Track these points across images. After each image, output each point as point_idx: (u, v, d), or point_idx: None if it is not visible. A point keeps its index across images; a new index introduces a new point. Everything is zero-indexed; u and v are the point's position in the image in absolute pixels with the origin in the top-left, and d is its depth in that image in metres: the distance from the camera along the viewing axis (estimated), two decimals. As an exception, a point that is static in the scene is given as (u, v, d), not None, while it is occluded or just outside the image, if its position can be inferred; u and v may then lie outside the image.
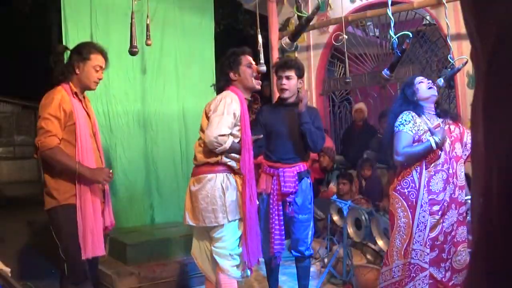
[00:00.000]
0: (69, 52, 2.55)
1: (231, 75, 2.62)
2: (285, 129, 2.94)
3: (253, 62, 2.68)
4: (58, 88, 2.40)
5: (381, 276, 2.65)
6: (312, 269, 3.82)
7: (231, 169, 2.52)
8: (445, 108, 2.63)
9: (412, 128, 2.49)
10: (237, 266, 2.53)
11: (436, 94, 2.58)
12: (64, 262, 2.33)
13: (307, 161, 3.06)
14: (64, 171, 2.33)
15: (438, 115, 2.61)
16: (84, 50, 2.44)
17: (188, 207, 2.56)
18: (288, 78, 2.96)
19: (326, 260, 3.81)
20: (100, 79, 2.52)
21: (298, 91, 3.04)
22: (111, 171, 2.43)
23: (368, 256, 3.88)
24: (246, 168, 2.49)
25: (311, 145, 2.90)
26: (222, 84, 2.66)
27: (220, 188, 2.46)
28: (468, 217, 2.56)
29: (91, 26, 3.98)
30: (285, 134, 2.93)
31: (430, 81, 2.58)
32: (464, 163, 2.60)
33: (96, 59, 2.45)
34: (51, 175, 2.36)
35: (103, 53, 2.49)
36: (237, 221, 2.50)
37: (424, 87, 2.57)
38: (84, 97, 2.55)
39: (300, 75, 3.01)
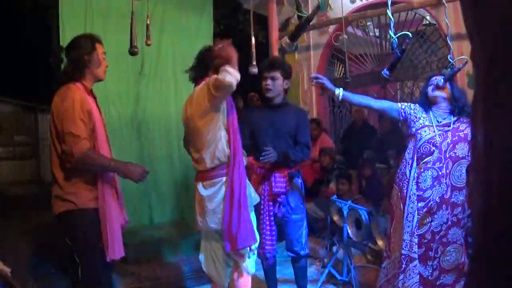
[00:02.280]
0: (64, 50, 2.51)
1: (210, 73, 2.59)
2: (271, 130, 2.93)
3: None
4: (72, 87, 2.31)
5: (383, 271, 2.67)
6: (312, 269, 3.83)
7: None
8: (464, 106, 2.59)
9: (405, 108, 2.66)
10: (252, 262, 2.60)
11: (442, 95, 2.59)
12: (79, 266, 2.27)
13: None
14: (99, 171, 2.30)
15: (452, 112, 2.60)
16: (87, 43, 2.40)
17: (200, 212, 2.54)
18: (273, 78, 2.95)
19: (326, 260, 3.81)
20: (107, 66, 2.49)
21: (285, 92, 3.04)
22: (146, 169, 2.41)
23: (368, 256, 3.88)
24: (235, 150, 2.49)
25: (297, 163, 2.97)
26: (200, 74, 2.66)
27: None
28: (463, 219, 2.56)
29: (88, 27, 3.96)
30: (271, 135, 2.92)
31: (432, 85, 2.60)
32: None
33: (99, 48, 2.44)
34: (67, 179, 2.28)
35: (99, 40, 2.47)
36: None
37: (431, 89, 2.63)
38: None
39: (286, 76, 2.99)
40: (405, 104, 2.70)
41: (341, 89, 2.63)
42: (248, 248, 2.54)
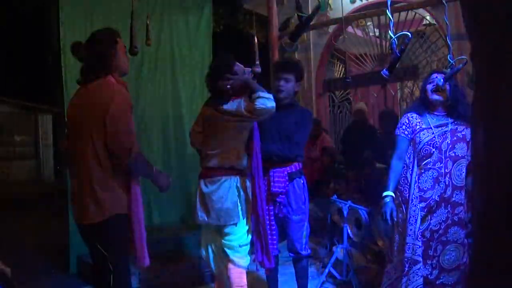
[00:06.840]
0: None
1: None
2: (276, 129, 2.92)
3: None
4: (114, 82, 2.20)
5: (386, 275, 2.67)
6: (312, 269, 3.82)
7: (241, 173, 2.61)
8: (462, 111, 2.56)
9: (405, 130, 2.64)
10: (245, 256, 2.65)
11: (440, 98, 2.58)
12: (111, 273, 2.16)
13: (300, 162, 3.03)
14: (141, 175, 2.25)
15: (448, 114, 2.59)
16: (109, 36, 2.26)
17: (199, 207, 2.62)
18: (286, 80, 2.93)
19: (326, 260, 3.81)
20: (128, 60, 2.39)
21: (295, 94, 3.03)
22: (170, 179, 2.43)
23: (368, 256, 3.88)
24: (256, 168, 2.62)
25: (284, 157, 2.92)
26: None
27: (236, 189, 2.55)
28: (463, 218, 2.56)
29: (88, 27, 3.95)
30: (276, 134, 2.91)
31: (435, 85, 2.57)
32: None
33: (120, 41, 2.31)
34: (106, 182, 2.15)
35: (119, 34, 2.34)
36: (245, 218, 2.62)
37: (430, 89, 2.60)
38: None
39: (299, 79, 2.98)
40: (400, 130, 2.66)
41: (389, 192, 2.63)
42: (238, 244, 2.60)
